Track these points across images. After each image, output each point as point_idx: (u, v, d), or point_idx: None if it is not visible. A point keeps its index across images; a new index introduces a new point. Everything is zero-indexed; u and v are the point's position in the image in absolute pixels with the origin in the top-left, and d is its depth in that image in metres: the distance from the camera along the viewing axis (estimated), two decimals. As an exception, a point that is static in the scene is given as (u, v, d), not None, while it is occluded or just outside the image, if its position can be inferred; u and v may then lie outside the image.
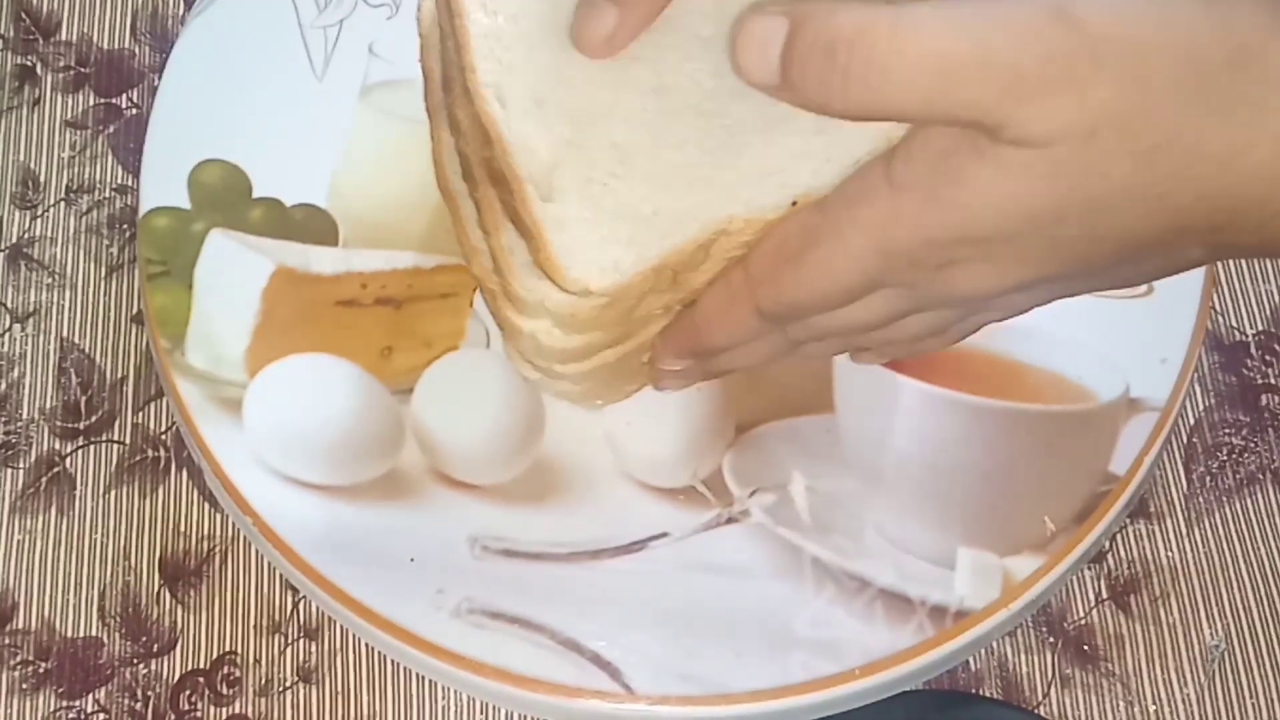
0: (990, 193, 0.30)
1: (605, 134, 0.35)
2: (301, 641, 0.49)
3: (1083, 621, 0.49)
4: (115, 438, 0.51)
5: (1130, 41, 0.28)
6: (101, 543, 0.50)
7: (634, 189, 0.34)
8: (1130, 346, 0.45)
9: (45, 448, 0.51)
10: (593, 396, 0.43)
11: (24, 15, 0.58)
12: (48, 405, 0.52)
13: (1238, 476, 0.51)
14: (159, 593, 0.49)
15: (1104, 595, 0.49)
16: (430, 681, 0.48)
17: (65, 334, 0.53)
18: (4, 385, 0.52)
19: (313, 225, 0.47)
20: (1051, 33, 0.28)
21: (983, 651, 0.48)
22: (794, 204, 0.34)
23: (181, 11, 0.57)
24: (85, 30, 0.57)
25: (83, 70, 0.57)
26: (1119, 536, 0.50)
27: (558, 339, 0.36)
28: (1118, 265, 0.32)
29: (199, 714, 0.48)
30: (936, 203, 0.30)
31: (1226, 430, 0.51)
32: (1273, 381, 0.52)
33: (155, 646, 0.49)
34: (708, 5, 0.36)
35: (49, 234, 0.54)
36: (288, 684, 0.48)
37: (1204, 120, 0.29)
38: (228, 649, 0.49)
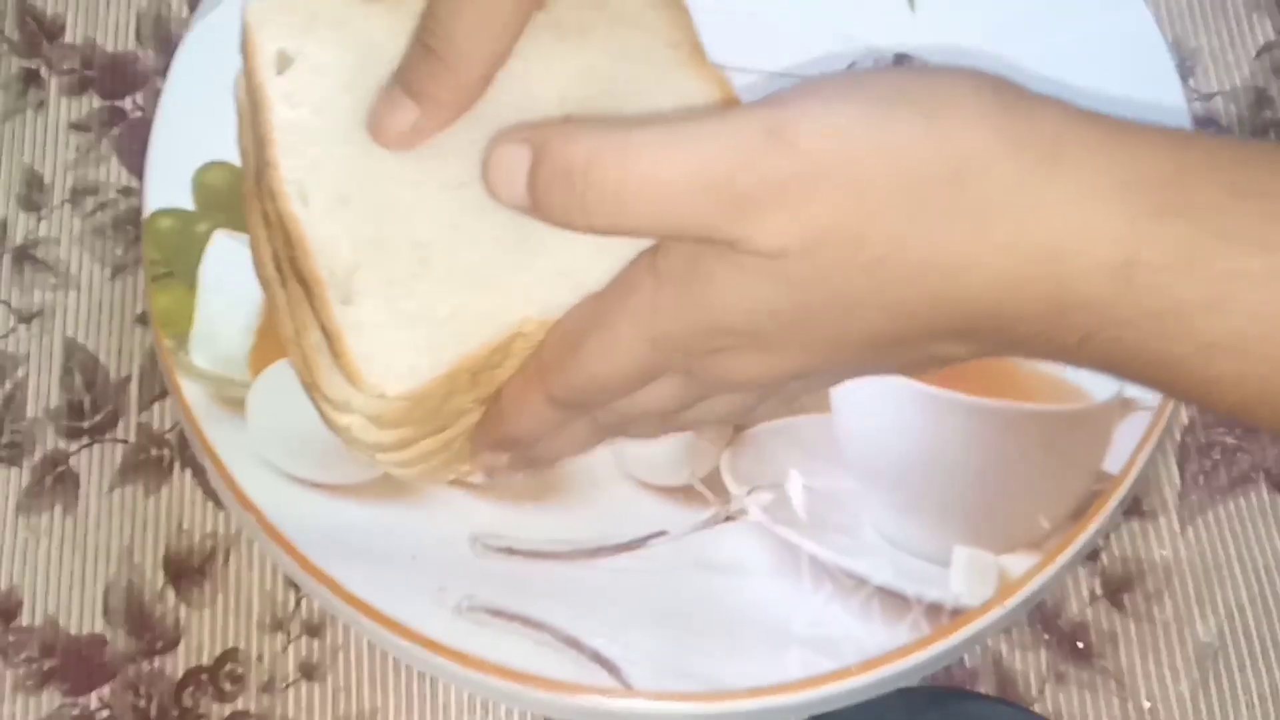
0: (735, 293, 0.31)
1: (408, 232, 0.35)
2: (304, 638, 0.49)
3: (1077, 619, 0.49)
4: (119, 437, 0.52)
5: (845, 161, 0.29)
6: (105, 541, 0.50)
7: (432, 290, 0.34)
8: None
9: (50, 447, 0.52)
10: (428, 478, 0.42)
11: (29, 18, 0.58)
12: (52, 405, 0.52)
13: (1231, 476, 0.51)
14: (163, 590, 0.50)
15: (1098, 593, 0.49)
16: (432, 678, 0.48)
17: (70, 334, 0.53)
18: (9, 385, 0.52)
19: (315, 227, 0.47)
20: (766, 154, 0.29)
21: (978, 649, 0.48)
22: None
23: (186, 15, 0.58)
24: (90, 33, 0.57)
25: (87, 73, 0.57)
26: (1113, 535, 0.50)
27: (372, 434, 0.36)
28: (878, 359, 0.34)
29: (202, 710, 0.48)
30: (690, 296, 0.32)
31: (1219, 430, 0.51)
32: (1266, 381, 0.52)
33: (159, 644, 0.49)
34: (519, 99, 0.36)
35: (54, 236, 0.55)
36: (290, 680, 0.48)
37: (926, 234, 0.30)
38: (231, 646, 0.49)
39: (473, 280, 0.35)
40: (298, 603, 0.49)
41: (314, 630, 0.49)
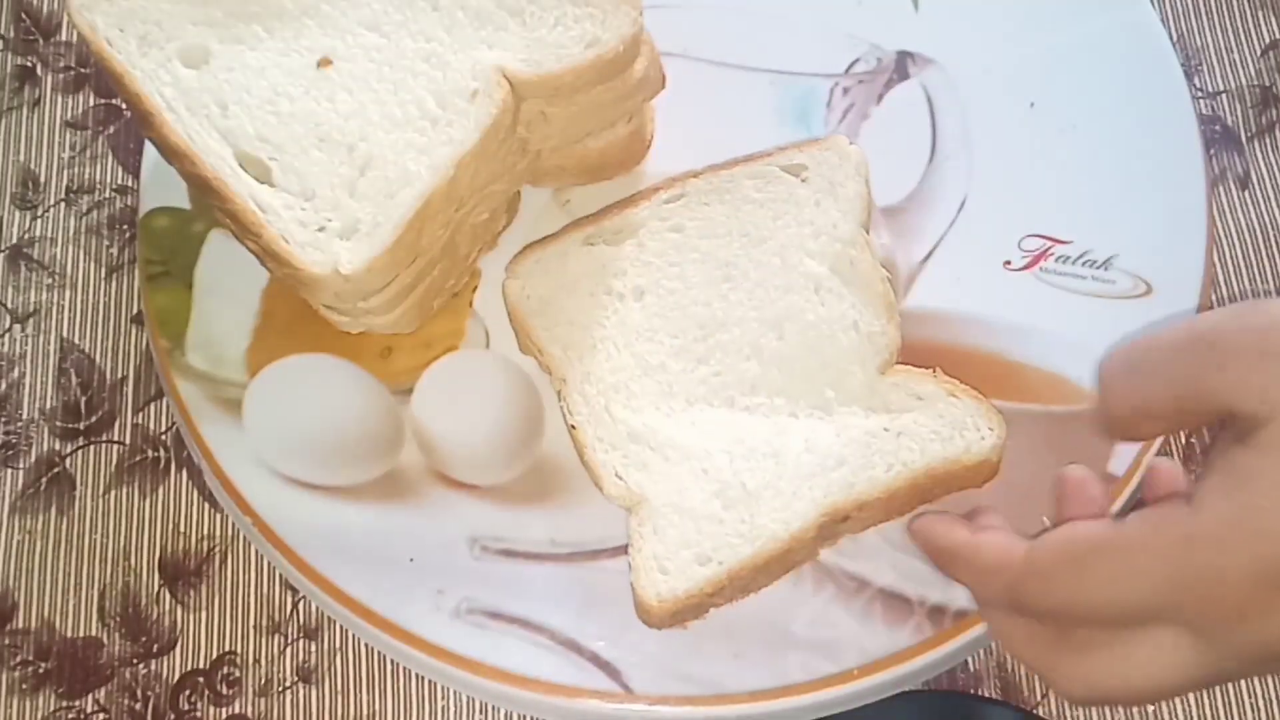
0: None
1: None
2: (301, 641, 0.49)
3: (1081, 622, 0.48)
4: (115, 438, 0.51)
5: None
6: (101, 543, 0.50)
7: None
8: (1129, 347, 0.45)
9: (45, 448, 0.51)
10: (408, 320, 0.43)
11: (24, 16, 0.58)
12: (48, 405, 0.52)
13: (1236, 477, 0.50)
14: (159, 593, 0.49)
15: (1102, 596, 0.49)
16: (430, 681, 0.48)
17: (65, 334, 0.53)
18: (4, 385, 0.52)
19: (313, 226, 0.47)
20: None
21: (981, 652, 0.48)
22: None
23: (182, 12, 0.57)
24: (85, 31, 0.57)
25: (83, 71, 0.57)
26: (1118, 537, 0.49)
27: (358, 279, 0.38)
28: None
29: (199, 714, 0.48)
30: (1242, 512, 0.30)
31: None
32: (1271, 382, 0.52)
33: (155, 646, 0.49)
34: None
35: (49, 234, 0.54)
36: (287, 684, 0.48)
37: None
38: (227, 649, 0.49)
39: None
40: (295, 605, 0.49)
41: (311, 633, 0.49)
